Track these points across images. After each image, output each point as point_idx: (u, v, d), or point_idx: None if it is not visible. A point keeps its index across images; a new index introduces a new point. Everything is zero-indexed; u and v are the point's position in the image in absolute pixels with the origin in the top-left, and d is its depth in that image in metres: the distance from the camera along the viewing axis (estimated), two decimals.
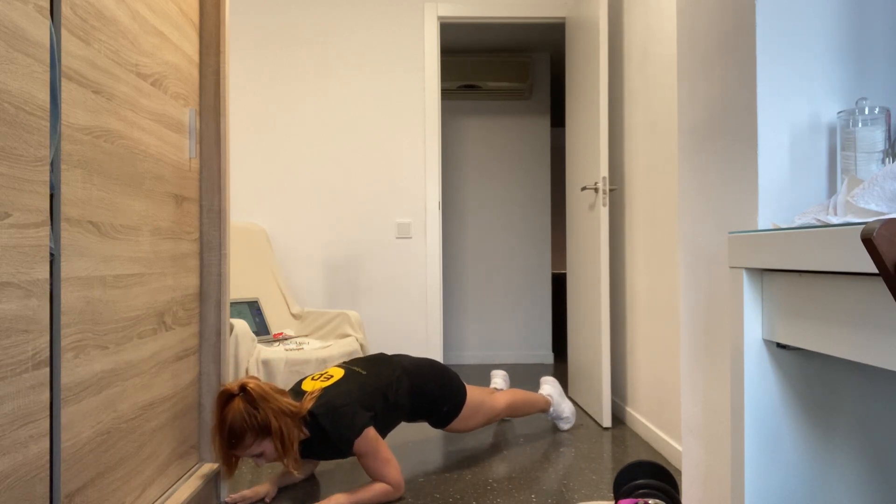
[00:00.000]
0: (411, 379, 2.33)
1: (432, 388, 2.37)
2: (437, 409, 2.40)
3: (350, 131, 3.86)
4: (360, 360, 2.36)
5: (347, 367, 2.28)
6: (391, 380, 2.27)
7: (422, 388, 2.34)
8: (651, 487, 1.75)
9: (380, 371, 2.28)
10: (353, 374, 2.23)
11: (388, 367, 2.32)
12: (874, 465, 1.16)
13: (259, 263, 3.53)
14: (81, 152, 1.35)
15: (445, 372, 2.45)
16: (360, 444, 2.06)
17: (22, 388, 1.10)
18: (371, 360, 2.35)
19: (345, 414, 2.06)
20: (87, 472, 1.37)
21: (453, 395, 2.42)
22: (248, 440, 1.96)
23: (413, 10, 3.86)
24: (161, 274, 1.75)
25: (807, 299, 0.98)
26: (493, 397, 2.61)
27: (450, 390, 2.41)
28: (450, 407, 2.42)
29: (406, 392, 2.30)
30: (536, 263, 4.97)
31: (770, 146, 1.27)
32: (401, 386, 2.29)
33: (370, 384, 2.20)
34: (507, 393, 2.70)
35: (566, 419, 2.94)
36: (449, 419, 2.44)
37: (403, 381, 2.30)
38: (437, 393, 2.38)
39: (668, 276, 2.57)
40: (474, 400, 2.50)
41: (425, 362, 2.43)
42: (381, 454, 2.09)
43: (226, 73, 2.09)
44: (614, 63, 3.26)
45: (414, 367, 2.38)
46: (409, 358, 2.43)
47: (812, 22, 1.27)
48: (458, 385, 2.46)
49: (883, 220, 0.69)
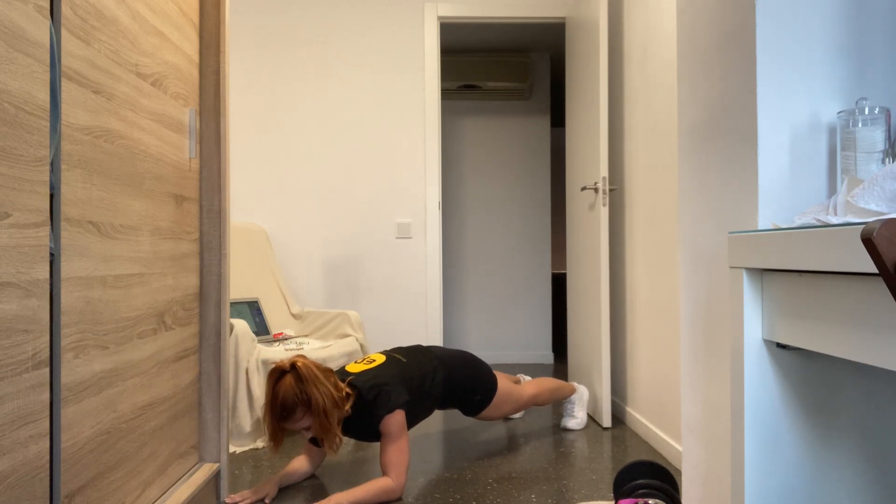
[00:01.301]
0: (446, 370, 2.46)
1: (465, 378, 2.50)
2: (469, 398, 2.53)
3: (350, 131, 3.86)
4: (401, 349, 2.51)
5: (389, 354, 2.43)
6: (428, 370, 2.40)
7: (455, 378, 2.47)
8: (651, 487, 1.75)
9: (419, 360, 2.41)
10: (394, 360, 2.37)
11: (426, 357, 2.46)
12: (874, 465, 1.16)
13: (259, 263, 3.53)
14: (81, 152, 1.35)
15: (478, 363, 2.59)
16: (388, 422, 2.16)
17: (22, 388, 1.10)
18: (410, 350, 2.50)
19: (385, 391, 2.19)
20: (87, 472, 1.37)
21: (485, 386, 2.56)
22: (299, 414, 2.09)
23: (413, 10, 3.86)
24: (161, 274, 1.75)
25: (807, 299, 0.98)
26: (521, 387, 2.76)
27: (482, 381, 2.55)
28: (482, 396, 2.55)
29: (441, 382, 2.42)
30: (536, 263, 4.97)
31: (770, 146, 1.27)
32: (436, 376, 2.41)
33: (410, 372, 2.33)
34: (534, 383, 2.84)
35: (576, 421, 2.99)
36: (481, 407, 2.58)
37: (439, 372, 2.43)
38: (469, 383, 2.51)
39: (668, 276, 2.57)
40: (504, 390, 2.64)
41: (458, 353, 2.57)
42: (401, 442, 2.17)
43: (226, 73, 2.09)
44: (614, 63, 3.26)
45: (449, 357, 2.51)
46: (443, 349, 2.58)
47: (812, 22, 1.27)
48: (490, 375, 2.59)
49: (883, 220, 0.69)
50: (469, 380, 2.50)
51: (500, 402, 2.61)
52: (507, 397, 2.64)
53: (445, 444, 2.77)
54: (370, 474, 2.39)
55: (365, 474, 2.38)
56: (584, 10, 3.30)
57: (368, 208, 3.85)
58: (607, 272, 2.99)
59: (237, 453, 2.65)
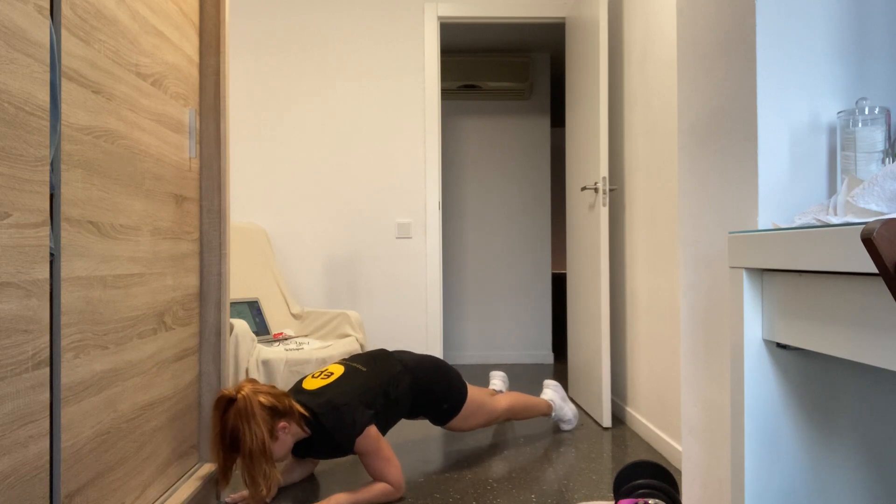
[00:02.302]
0: (412, 375, 2.34)
1: (433, 385, 2.37)
2: (437, 406, 2.40)
3: (350, 131, 3.86)
4: (360, 356, 2.36)
5: (347, 363, 2.29)
6: (391, 376, 2.27)
7: (422, 385, 2.35)
8: (651, 487, 1.75)
9: (380, 368, 2.28)
10: (353, 370, 2.23)
11: (389, 363, 2.33)
12: (874, 466, 1.16)
13: (259, 263, 3.53)
14: (81, 152, 1.35)
15: (447, 370, 2.45)
16: (362, 443, 2.07)
17: (22, 388, 1.10)
18: (371, 356, 2.36)
19: (346, 412, 2.06)
20: (87, 472, 1.37)
21: (454, 394, 2.42)
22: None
23: (413, 10, 3.86)
24: (161, 274, 1.75)
25: (807, 299, 0.98)
26: (494, 399, 2.61)
27: (450, 388, 2.41)
28: (450, 405, 2.42)
29: (406, 389, 2.30)
30: (536, 263, 4.97)
31: (770, 146, 1.27)
32: (401, 382, 2.29)
33: (371, 382, 2.21)
34: (509, 396, 2.70)
35: (569, 421, 2.94)
36: (448, 417, 2.44)
37: (404, 378, 2.31)
38: (437, 390, 2.38)
39: (668, 276, 2.57)
40: (475, 400, 2.50)
41: (427, 359, 2.44)
42: (382, 453, 2.09)
43: (226, 73, 2.09)
44: (614, 63, 3.26)
45: (415, 363, 2.38)
46: (410, 354, 2.43)
47: (812, 22, 1.27)
48: (459, 384, 2.46)
49: (883, 220, 0.69)
50: (437, 386, 2.38)
51: (470, 413, 2.48)
52: (477, 408, 2.50)
53: (445, 444, 2.77)
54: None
55: (365, 474, 2.38)
56: (584, 10, 3.30)
57: (368, 208, 3.85)
58: (607, 272, 2.99)
59: None
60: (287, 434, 2.04)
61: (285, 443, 2.04)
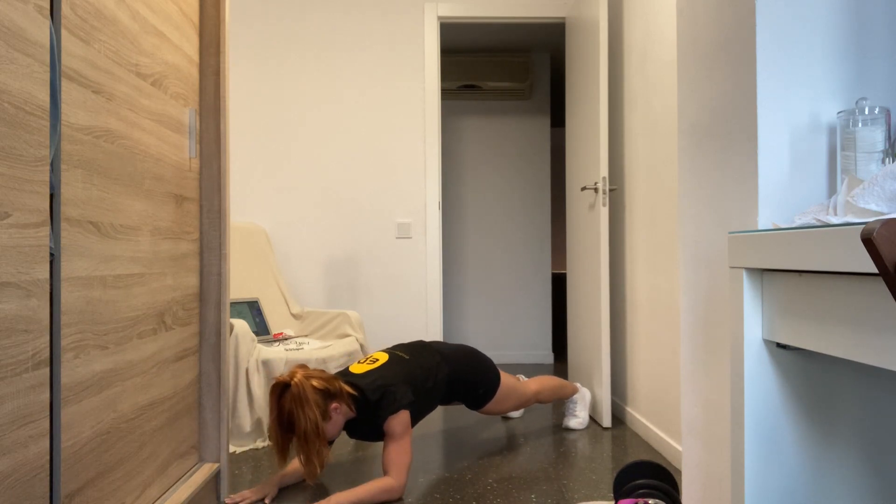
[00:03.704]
0: (450, 365, 2.48)
1: (469, 373, 2.52)
2: (473, 392, 2.55)
3: (350, 131, 3.86)
4: (402, 345, 2.52)
5: (392, 352, 2.44)
6: (431, 366, 2.42)
7: (459, 373, 2.49)
8: (651, 487, 1.75)
9: (422, 357, 2.43)
10: (397, 358, 2.38)
11: (429, 353, 2.47)
12: (874, 466, 1.16)
13: (259, 263, 3.53)
14: (81, 152, 1.35)
15: (481, 357, 2.61)
16: (392, 423, 2.17)
17: (22, 388, 1.10)
18: (412, 346, 2.50)
19: (391, 391, 2.20)
20: (87, 472, 1.37)
21: (488, 380, 2.58)
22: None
23: (413, 10, 3.86)
24: (161, 274, 1.75)
25: (807, 299, 0.98)
26: (524, 383, 2.78)
27: (485, 374, 2.57)
28: (486, 389, 2.57)
29: (444, 378, 2.44)
30: (536, 263, 4.97)
31: (770, 146, 1.27)
32: (440, 372, 2.43)
33: (414, 370, 2.34)
34: (537, 380, 2.86)
35: (578, 420, 3.00)
36: (485, 401, 2.59)
37: (443, 368, 2.45)
38: (473, 378, 2.53)
39: (668, 276, 2.57)
40: (507, 384, 2.66)
41: (461, 348, 2.59)
42: (404, 442, 2.18)
43: (226, 73, 2.09)
44: (614, 63, 3.26)
45: (451, 352, 2.53)
46: (446, 345, 2.59)
47: (812, 22, 1.27)
48: (493, 369, 2.61)
49: (883, 220, 0.69)
50: (472, 373, 2.52)
51: (503, 396, 2.63)
52: (510, 391, 2.65)
53: (445, 444, 2.77)
54: (370, 474, 2.39)
55: (365, 474, 2.38)
56: (584, 10, 3.30)
57: (368, 208, 3.85)
58: (607, 272, 2.99)
59: (237, 453, 2.65)
60: (339, 414, 2.18)
61: (337, 422, 2.19)
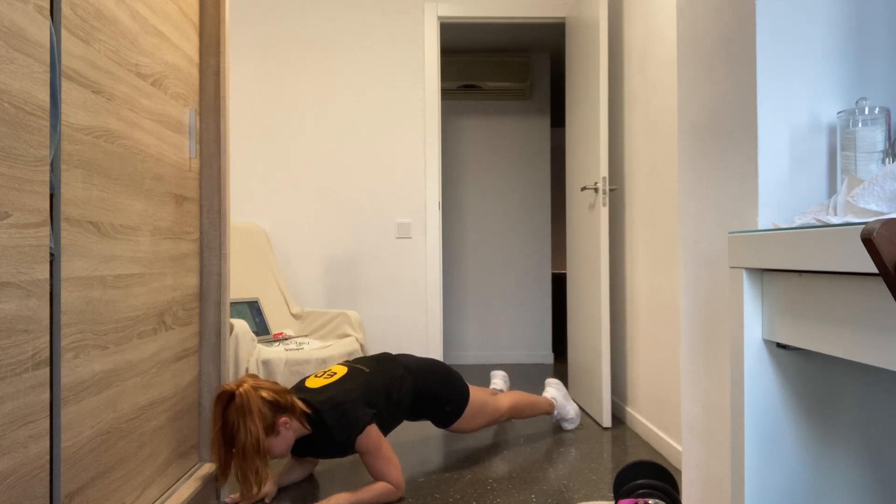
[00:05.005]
0: (414, 378, 2.35)
1: (435, 387, 2.38)
2: (440, 408, 2.41)
3: (350, 131, 3.86)
4: (364, 358, 2.38)
5: (351, 365, 2.31)
6: (394, 378, 2.29)
7: (424, 387, 2.36)
8: (651, 487, 1.75)
9: (383, 369, 2.30)
10: (356, 371, 2.24)
11: (392, 365, 2.34)
12: (874, 466, 1.16)
13: (259, 263, 3.53)
14: (81, 152, 1.35)
15: (448, 372, 2.46)
16: (363, 442, 2.07)
17: (22, 388, 1.10)
18: (374, 358, 2.37)
19: (348, 411, 2.07)
20: (87, 472, 1.37)
21: (456, 396, 2.43)
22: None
23: (413, 10, 3.86)
24: (161, 274, 1.75)
25: (807, 299, 0.98)
26: (497, 399, 2.62)
27: (452, 390, 2.42)
28: (452, 407, 2.43)
29: (409, 391, 2.32)
30: (536, 263, 4.97)
31: (770, 146, 1.27)
32: (404, 384, 2.30)
33: (373, 382, 2.22)
34: (511, 395, 2.71)
35: (571, 420, 2.95)
36: (452, 419, 2.45)
37: (406, 380, 2.32)
38: (439, 393, 2.39)
39: (668, 276, 2.57)
40: (477, 401, 2.51)
41: (429, 362, 2.45)
42: (382, 452, 2.09)
43: (226, 73, 2.09)
44: (614, 63, 3.26)
45: (417, 366, 2.39)
46: (412, 358, 2.45)
47: (812, 22, 1.27)
48: (461, 386, 2.47)
49: (883, 220, 0.69)
50: (439, 389, 2.39)
51: (473, 413, 2.48)
52: (480, 409, 2.51)
53: (445, 444, 2.77)
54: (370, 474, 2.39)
55: (365, 474, 2.38)
56: (584, 10, 3.30)
57: (368, 208, 3.85)
58: (607, 272, 2.99)
59: None
60: (288, 430, 2.05)
61: (286, 438, 2.05)
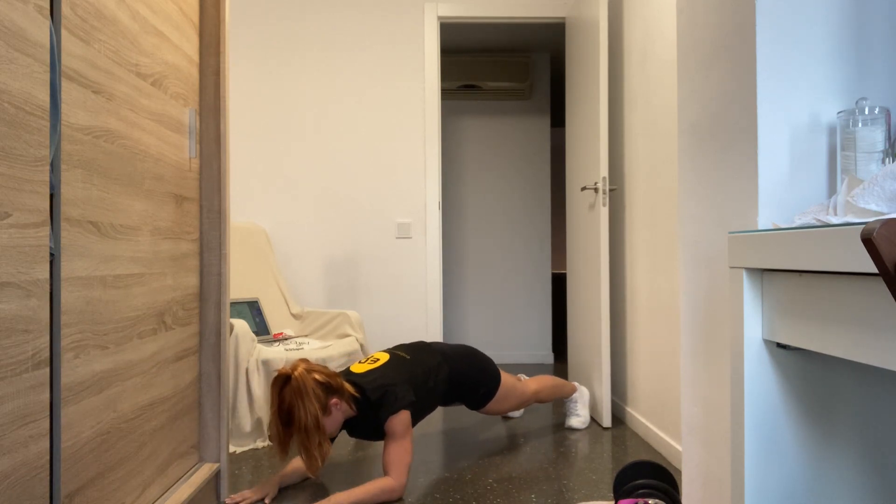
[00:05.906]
0: (450, 365, 2.48)
1: (469, 372, 2.52)
2: (474, 391, 2.55)
3: (350, 131, 3.86)
4: (403, 346, 2.52)
5: (392, 352, 2.44)
6: (432, 366, 2.42)
7: (459, 373, 2.49)
8: (651, 487, 1.75)
9: (422, 357, 2.43)
10: (398, 358, 2.38)
11: (429, 353, 2.47)
12: (874, 465, 1.16)
13: (259, 263, 3.53)
14: (81, 152, 1.35)
15: (481, 356, 2.61)
16: (393, 423, 2.17)
17: (22, 388, 1.10)
18: (413, 346, 2.51)
19: (392, 391, 2.20)
20: (87, 472, 1.37)
21: (489, 379, 2.58)
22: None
23: (413, 10, 3.86)
24: (161, 274, 1.75)
25: (807, 299, 0.98)
26: (524, 382, 2.78)
27: (485, 374, 2.57)
28: (486, 389, 2.57)
29: (444, 378, 2.44)
30: (536, 263, 4.97)
31: (770, 146, 1.27)
32: (440, 372, 2.43)
33: (415, 369, 2.35)
34: (536, 379, 2.86)
35: (580, 419, 3.01)
36: (485, 401, 2.59)
37: (443, 368, 2.45)
38: (474, 377, 2.53)
39: (668, 276, 2.57)
40: (507, 383, 2.66)
41: (461, 348, 2.59)
42: (405, 441, 2.18)
43: (226, 73, 2.09)
44: (614, 63, 3.26)
45: (452, 352, 2.53)
46: (447, 345, 2.59)
47: (812, 22, 1.27)
48: (493, 369, 2.62)
49: (883, 220, 0.69)
50: (473, 373, 2.52)
51: (504, 396, 2.63)
52: (511, 390, 2.65)
53: (445, 444, 2.77)
54: (370, 474, 2.39)
55: (365, 474, 2.38)
56: (584, 10, 3.30)
57: (368, 208, 3.85)
58: (607, 272, 2.99)
59: (237, 453, 2.65)
60: (339, 410, 2.18)
61: (336, 419, 2.18)
